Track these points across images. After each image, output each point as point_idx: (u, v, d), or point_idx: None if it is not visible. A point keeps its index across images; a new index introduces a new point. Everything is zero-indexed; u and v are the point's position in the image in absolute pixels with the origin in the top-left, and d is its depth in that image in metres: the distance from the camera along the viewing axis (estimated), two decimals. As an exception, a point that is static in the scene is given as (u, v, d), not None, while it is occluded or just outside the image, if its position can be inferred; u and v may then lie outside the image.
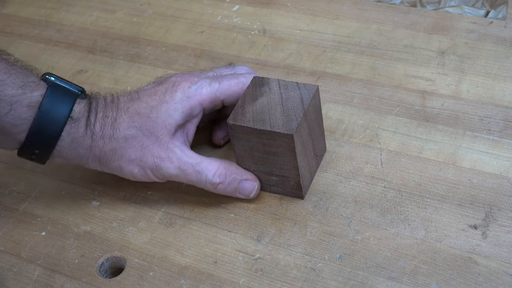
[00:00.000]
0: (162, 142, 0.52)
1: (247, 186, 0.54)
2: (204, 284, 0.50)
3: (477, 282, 0.47)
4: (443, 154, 0.57)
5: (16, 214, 0.58)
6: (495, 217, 0.51)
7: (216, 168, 0.52)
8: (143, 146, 0.52)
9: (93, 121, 0.51)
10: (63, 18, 0.83)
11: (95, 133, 0.51)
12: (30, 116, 0.49)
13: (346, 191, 0.55)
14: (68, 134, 0.50)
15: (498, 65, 0.65)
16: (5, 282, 0.52)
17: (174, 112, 0.52)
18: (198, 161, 0.52)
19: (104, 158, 0.52)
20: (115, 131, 0.51)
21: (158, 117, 0.52)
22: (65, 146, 0.51)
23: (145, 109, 0.52)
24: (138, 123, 0.52)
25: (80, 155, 0.52)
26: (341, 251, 0.51)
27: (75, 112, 0.51)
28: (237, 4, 0.79)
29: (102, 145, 0.51)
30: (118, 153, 0.52)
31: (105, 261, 0.53)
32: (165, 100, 0.52)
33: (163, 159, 0.52)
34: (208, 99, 0.53)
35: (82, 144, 0.51)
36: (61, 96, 0.50)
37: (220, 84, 0.54)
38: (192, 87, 0.53)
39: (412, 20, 0.72)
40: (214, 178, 0.52)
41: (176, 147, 0.52)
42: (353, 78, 0.66)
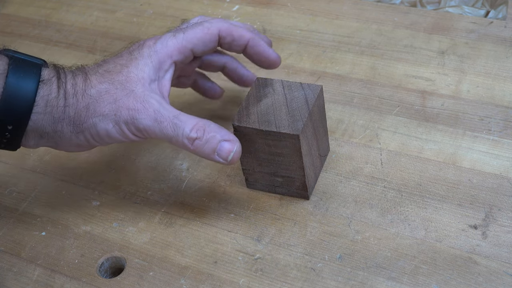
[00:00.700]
0: (137, 94, 0.49)
1: (226, 146, 0.49)
2: (204, 284, 0.50)
3: (477, 282, 0.47)
4: (443, 154, 0.57)
5: (16, 214, 0.58)
6: (495, 217, 0.51)
7: (194, 123, 0.49)
8: (117, 99, 0.49)
9: (64, 80, 0.49)
10: (63, 18, 0.83)
11: (67, 91, 0.48)
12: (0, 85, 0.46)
13: (346, 191, 0.55)
14: (42, 97, 0.48)
15: (498, 65, 0.65)
16: (5, 282, 0.52)
17: (145, 66, 0.50)
18: (176, 114, 0.49)
19: (78, 117, 0.49)
20: (87, 88, 0.49)
21: (130, 71, 0.50)
22: (40, 112, 0.48)
23: (115, 67, 0.50)
24: (110, 79, 0.49)
25: (55, 119, 0.48)
26: (341, 251, 0.51)
27: (44, 75, 0.48)
28: (237, 4, 0.79)
29: (76, 103, 0.48)
30: (91, 108, 0.49)
31: (105, 261, 0.53)
32: (133, 57, 0.51)
33: (138, 110, 0.49)
34: (175, 50, 0.52)
35: (56, 106, 0.48)
36: (26, 65, 0.48)
37: (184, 33, 0.52)
38: (158, 42, 0.52)
39: (412, 20, 0.72)
40: (192, 133, 0.48)
41: (153, 99, 0.49)
42: (353, 78, 0.66)
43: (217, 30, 0.53)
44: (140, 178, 0.59)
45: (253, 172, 0.54)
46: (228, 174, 0.58)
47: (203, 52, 0.54)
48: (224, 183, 0.58)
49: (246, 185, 0.56)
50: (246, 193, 0.56)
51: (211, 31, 0.53)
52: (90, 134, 0.50)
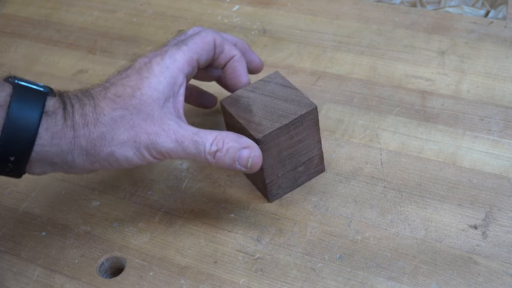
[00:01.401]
0: (154, 117, 0.48)
1: (245, 153, 0.49)
2: (204, 284, 0.50)
3: (477, 282, 0.47)
4: (443, 154, 0.57)
5: (16, 214, 0.58)
6: (495, 217, 0.51)
7: (214, 137, 0.49)
8: (134, 125, 0.48)
9: (71, 111, 0.47)
10: (63, 18, 0.83)
11: (76, 122, 0.47)
12: (1, 117, 0.45)
13: (346, 191, 0.55)
14: (46, 129, 0.46)
15: (498, 65, 0.65)
16: (5, 282, 0.52)
17: (158, 85, 0.49)
18: (195, 132, 0.49)
19: (93, 147, 0.47)
20: (99, 116, 0.47)
21: (143, 94, 0.48)
22: (45, 144, 0.46)
23: (125, 90, 0.49)
24: (123, 104, 0.48)
25: (64, 151, 0.47)
26: (341, 251, 0.51)
27: (48, 106, 0.46)
28: (237, 4, 0.79)
29: (88, 133, 0.47)
30: (108, 137, 0.47)
31: (105, 261, 0.53)
32: (144, 77, 0.49)
33: (158, 134, 0.48)
34: (185, 63, 0.51)
35: (63, 137, 0.46)
36: (30, 95, 0.46)
37: (187, 45, 0.52)
38: (165, 58, 0.50)
39: (412, 20, 0.72)
40: (212, 147, 0.48)
41: (171, 120, 0.49)
42: (353, 78, 0.66)
43: (212, 39, 0.53)
44: (140, 178, 0.59)
45: (277, 180, 0.54)
46: (228, 174, 0.58)
47: (206, 63, 0.53)
48: (224, 183, 0.58)
49: (269, 199, 0.55)
50: (246, 193, 0.56)
51: (208, 40, 0.53)
52: (107, 162, 0.49)
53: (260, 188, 0.56)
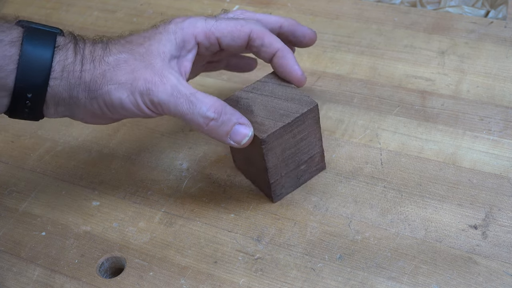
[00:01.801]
0: (155, 68, 0.48)
1: (241, 130, 0.49)
2: (204, 284, 0.50)
3: (477, 282, 0.47)
4: (443, 154, 0.57)
5: (16, 214, 0.58)
6: (495, 217, 0.51)
7: (212, 102, 0.48)
8: (135, 69, 0.48)
9: (82, 47, 0.49)
10: (63, 18, 0.82)
11: (85, 56, 0.48)
12: (15, 53, 0.46)
13: (346, 191, 0.55)
14: (58, 62, 0.47)
15: (498, 65, 0.65)
16: (5, 282, 0.52)
17: (167, 42, 0.50)
18: (193, 92, 0.48)
19: (94, 83, 0.48)
20: (106, 54, 0.49)
21: (151, 44, 0.49)
22: (57, 77, 0.47)
23: (138, 39, 0.50)
24: (130, 49, 0.49)
25: (71, 84, 0.48)
26: (341, 251, 0.51)
27: (60, 41, 0.48)
28: (237, 4, 0.79)
29: (93, 68, 0.48)
30: (108, 75, 0.48)
31: (105, 261, 0.53)
32: (158, 31, 0.50)
33: (155, 83, 0.48)
34: (202, 32, 0.51)
35: (72, 71, 0.48)
36: (42, 32, 0.48)
37: (217, 21, 0.52)
38: (186, 20, 0.51)
39: (412, 20, 0.72)
40: (209, 112, 0.48)
41: (172, 75, 0.49)
42: (353, 78, 0.66)
43: (249, 29, 0.52)
44: (140, 178, 0.59)
45: (281, 180, 0.54)
46: (228, 174, 0.58)
47: (229, 46, 0.53)
48: (224, 183, 0.58)
49: (273, 199, 0.55)
50: (246, 193, 0.56)
51: (243, 29, 0.52)
52: (103, 102, 0.49)
53: (263, 189, 0.55)
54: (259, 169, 0.53)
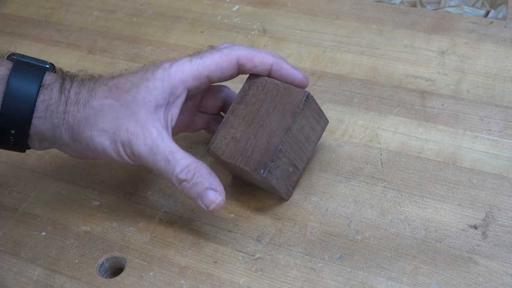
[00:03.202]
0: (139, 119, 0.48)
1: (210, 196, 0.49)
2: (204, 284, 0.50)
3: (477, 282, 0.47)
4: (443, 154, 0.57)
5: (16, 214, 0.58)
6: (495, 217, 0.51)
7: (187, 164, 0.49)
8: (118, 117, 0.48)
9: (68, 87, 0.48)
10: (63, 18, 0.83)
11: (70, 98, 0.48)
12: (0, 91, 0.46)
13: (346, 191, 0.55)
14: (42, 102, 0.47)
15: (498, 65, 0.65)
16: (5, 282, 0.52)
17: (154, 90, 0.49)
18: (172, 150, 0.49)
19: (77, 126, 0.48)
20: (91, 98, 0.48)
21: (138, 92, 0.49)
22: (40, 116, 0.48)
23: (125, 84, 0.49)
24: (116, 95, 0.49)
25: (54, 124, 0.48)
26: (341, 251, 0.51)
27: (46, 80, 0.48)
28: (237, 4, 0.79)
29: (76, 111, 0.48)
30: (91, 120, 0.48)
31: (105, 261, 0.53)
32: (146, 78, 0.50)
33: (137, 135, 0.48)
34: (190, 75, 0.51)
35: (56, 111, 0.48)
36: (29, 69, 0.48)
37: (202, 59, 0.51)
38: (173, 65, 0.51)
39: (412, 20, 0.72)
40: (181, 174, 0.48)
41: (154, 128, 0.49)
42: (353, 78, 0.66)
43: (235, 57, 0.52)
44: (140, 178, 0.59)
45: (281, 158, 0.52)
46: (228, 175, 0.58)
47: (219, 79, 0.52)
48: (224, 183, 0.57)
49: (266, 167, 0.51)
50: (246, 193, 0.56)
51: (230, 58, 0.52)
52: (86, 145, 0.49)
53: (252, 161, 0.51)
54: (270, 130, 0.51)
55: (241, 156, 0.51)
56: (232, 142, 0.52)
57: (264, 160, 0.50)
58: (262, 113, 0.52)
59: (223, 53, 0.52)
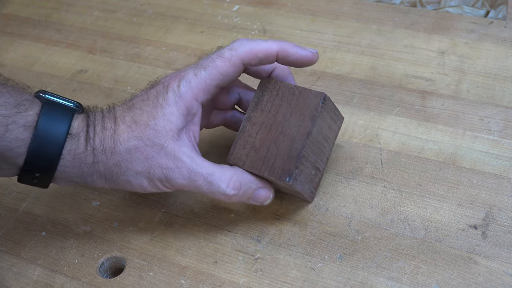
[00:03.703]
0: (168, 151, 0.49)
1: (262, 193, 0.51)
2: (204, 284, 0.50)
3: (477, 282, 0.47)
4: (443, 154, 0.57)
5: (16, 214, 0.58)
6: (495, 217, 0.51)
7: (229, 178, 0.49)
8: (148, 157, 0.49)
9: (92, 136, 0.48)
10: (63, 18, 0.83)
11: (96, 147, 0.48)
12: (27, 137, 0.46)
13: (346, 191, 0.55)
14: (69, 151, 0.48)
15: (498, 65, 0.65)
16: (5, 282, 0.52)
17: (171, 116, 0.49)
18: (210, 172, 0.49)
19: (110, 174, 0.49)
20: (116, 144, 0.48)
21: (157, 124, 0.49)
22: (67, 165, 0.48)
23: (141, 116, 0.49)
24: (138, 133, 0.49)
25: (84, 173, 0.49)
26: (341, 251, 0.51)
27: (73, 128, 0.48)
28: (237, 4, 0.79)
29: (106, 160, 0.48)
30: (123, 166, 0.49)
31: (105, 261, 0.53)
32: (159, 104, 0.49)
33: (171, 170, 0.49)
34: (200, 91, 0.50)
35: (84, 161, 0.48)
36: (57, 113, 0.48)
37: (206, 71, 0.50)
38: (181, 85, 0.50)
39: (412, 20, 0.72)
40: (228, 190, 0.49)
41: (184, 155, 0.49)
42: (353, 78, 0.66)
43: (239, 59, 0.50)
44: (140, 178, 0.59)
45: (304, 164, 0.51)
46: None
47: (229, 84, 0.52)
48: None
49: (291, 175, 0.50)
50: (246, 193, 0.56)
51: (233, 62, 0.50)
52: (124, 186, 0.50)
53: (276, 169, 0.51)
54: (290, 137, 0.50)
55: (263, 165, 0.51)
56: (252, 151, 0.51)
57: (288, 167, 0.50)
58: (279, 119, 0.51)
59: (226, 59, 0.50)
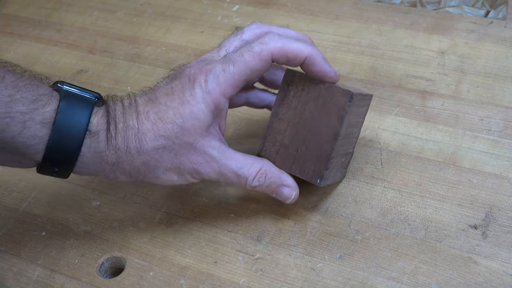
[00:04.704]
0: (197, 148, 0.48)
1: (285, 192, 0.51)
2: (204, 284, 0.50)
3: (477, 282, 0.47)
4: (443, 154, 0.57)
5: (16, 214, 0.58)
6: (495, 217, 0.51)
7: (256, 170, 0.50)
8: (178, 153, 0.48)
9: (113, 134, 0.47)
10: (63, 18, 0.83)
11: (119, 147, 0.47)
12: (45, 134, 0.45)
13: (346, 191, 0.55)
14: (88, 149, 0.47)
15: (498, 65, 0.65)
16: (5, 282, 0.52)
17: (200, 113, 0.48)
18: (239, 166, 0.49)
19: (136, 172, 0.49)
20: (142, 144, 0.47)
21: (185, 122, 0.47)
22: (88, 162, 0.47)
23: (166, 113, 0.48)
24: (164, 131, 0.47)
25: (106, 169, 0.48)
26: (341, 251, 0.51)
27: (93, 125, 0.47)
28: (237, 4, 0.79)
29: (131, 160, 0.48)
30: (152, 165, 0.48)
31: (105, 261, 0.53)
32: (186, 100, 0.48)
33: (201, 164, 0.49)
34: (229, 87, 0.48)
35: (106, 159, 0.47)
36: (76, 108, 0.46)
37: (234, 66, 0.48)
38: (209, 80, 0.48)
39: (412, 20, 0.72)
40: (254, 182, 0.50)
41: (214, 149, 0.49)
42: (353, 78, 0.66)
43: (269, 55, 0.48)
44: (140, 178, 0.59)
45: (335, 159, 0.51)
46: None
47: (256, 78, 0.51)
48: (224, 183, 0.57)
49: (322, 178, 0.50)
50: (246, 193, 0.56)
51: (263, 57, 0.48)
52: (151, 181, 0.50)
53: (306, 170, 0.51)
54: (319, 136, 0.50)
55: (294, 164, 0.51)
56: (282, 149, 0.51)
57: (318, 168, 0.50)
58: (306, 117, 0.50)
59: (255, 53, 0.48)
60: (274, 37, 0.49)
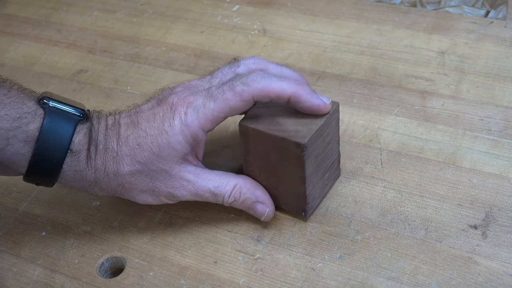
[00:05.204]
0: (172, 174, 0.50)
1: (259, 208, 0.52)
2: (204, 284, 0.50)
3: (477, 282, 0.47)
4: (443, 154, 0.57)
5: (16, 214, 0.58)
6: (495, 217, 0.51)
7: (232, 187, 0.51)
8: (153, 178, 0.50)
9: (93, 156, 0.49)
10: (63, 18, 0.83)
11: (97, 168, 0.49)
12: (28, 152, 0.47)
13: (346, 191, 0.55)
14: (69, 167, 0.48)
15: (498, 65, 0.65)
16: (5, 282, 0.52)
17: (177, 144, 0.49)
18: (215, 185, 0.51)
19: (113, 191, 0.50)
20: (119, 167, 0.49)
21: (161, 151, 0.49)
22: (68, 178, 0.49)
23: (145, 139, 0.49)
24: (141, 158, 0.49)
25: (85, 186, 0.50)
26: (341, 251, 0.51)
27: (74, 144, 0.48)
28: (237, 4, 0.79)
29: (108, 180, 0.49)
30: (127, 186, 0.50)
31: (105, 261, 0.53)
32: (164, 130, 0.48)
33: (177, 188, 0.50)
34: (208, 122, 0.49)
35: (85, 178, 0.49)
36: (59, 126, 0.48)
37: (215, 102, 0.49)
38: (189, 113, 0.49)
39: (412, 20, 0.72)
40: (230, 199, 0.51)
41: (190, 174, 0.50)
42: (353, 78, 0.66)
43: (250, 96, 0.48)
44: (140, 178, 0.59)
45: (313, 190, 0.52)
46: (228, 174, 0.58)
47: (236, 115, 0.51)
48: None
49: (306, 213, 0.52)
50: (246, 193, 0.56)
51: (244, 98, 0.48)
52: (127, 199, 0.52)
53: (290, 204, 0.53)
54: (289, 180, 0.51)
55: (277, 201, 0.53)
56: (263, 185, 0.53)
57: (300, 205, 0.52)
58: (272, 164, 0.51)
59: (237, 93, 0.48)
60: (257, 77, 0.49)
